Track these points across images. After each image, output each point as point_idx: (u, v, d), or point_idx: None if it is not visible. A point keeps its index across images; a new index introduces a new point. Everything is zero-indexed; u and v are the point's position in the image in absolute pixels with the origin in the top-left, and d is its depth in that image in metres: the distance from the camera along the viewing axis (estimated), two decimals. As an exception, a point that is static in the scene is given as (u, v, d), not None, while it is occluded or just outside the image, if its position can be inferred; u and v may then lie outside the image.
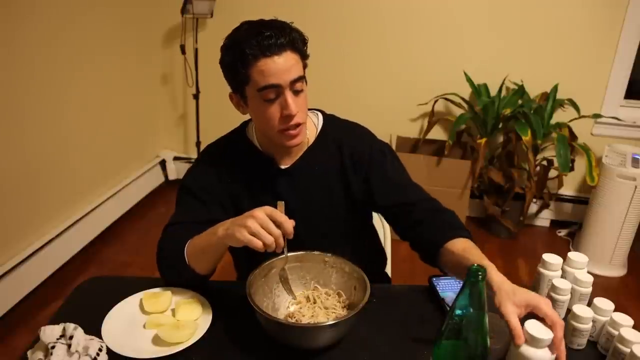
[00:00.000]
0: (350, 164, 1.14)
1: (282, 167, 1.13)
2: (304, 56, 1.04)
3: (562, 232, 2.91)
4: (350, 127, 1.20)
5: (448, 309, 0.85)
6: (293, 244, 0.96)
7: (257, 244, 0.87)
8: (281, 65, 0.97)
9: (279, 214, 0.89)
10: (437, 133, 2.90)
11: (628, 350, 0.84)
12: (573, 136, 2.63)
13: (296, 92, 1.02)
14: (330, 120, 1.19)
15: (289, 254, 0.99)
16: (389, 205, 1.13)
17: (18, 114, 2.03)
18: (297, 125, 1.03)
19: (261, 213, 0.88)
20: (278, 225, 0.88)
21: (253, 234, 0.87)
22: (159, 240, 1.08)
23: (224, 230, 0.93)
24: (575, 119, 2.63)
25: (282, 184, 1.13)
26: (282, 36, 0.97)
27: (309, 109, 1.20)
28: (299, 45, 1.01)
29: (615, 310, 0.94)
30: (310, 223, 1.07)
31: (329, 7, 2.78)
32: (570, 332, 0.93)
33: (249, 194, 1.13)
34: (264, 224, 0.87)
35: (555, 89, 2.65)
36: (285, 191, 1.12)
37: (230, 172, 1.13)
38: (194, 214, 1.08)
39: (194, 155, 3.16)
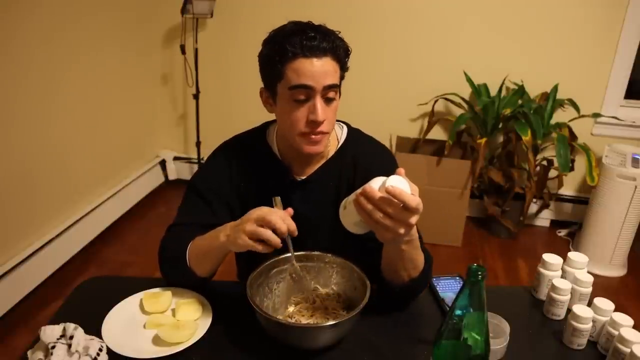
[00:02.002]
0: (360, 183, 1.06)
1: (298, 178, 1.11)
2: (343, 67, 1.02)
3: (562, 232, 2.91)
4: (372, 146, 1.16)
5: (448, 309, 0.85)
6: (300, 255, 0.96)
7: (258, 248, 0.87)
8: (318, 69, 0.95)
9: (274, 211, 0.89)
10: (437, 133, 2.90)
11: (628, 350, 0.84)
12: (573, 136, 2.63)
13: (327, 101, 1.00)
14: (353, 135, 1.16)
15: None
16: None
17: (18, 113, 2.02)
18: (322, 133, 1.01)
19: (255, 215, 0.88)
20: (273, 225, 0.87)
21: (252, 236, 0.87)
22: (162, 239, 1.08)
23: (225, 236, 0.92)
24: (575, 118, 2.63)
25: (295, 195, 1.10)
26: (325, 41, 0.96)
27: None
28: (340, 54, 0.99)
29: (615, 310, 0.94)
30: (320, 236, 1.05)
31: (329, 8, 2.78)
32: (570, 332, 0.94)
33: (258, 201, 1.11)
34: (262, 222, 0.87)
35: (555, 89, 2.65)
36: (297, 203, 1.09)
37: (243, 175, 1.11)
38: (199, 216, 1.07)
39: (194, 155, 3.16)
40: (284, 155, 1.12)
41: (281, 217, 0.88)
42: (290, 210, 0.92)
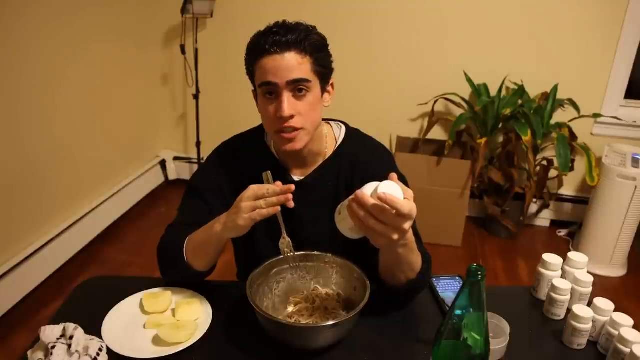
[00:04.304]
0: (358, 183, 1.03)
1: (296, 178, 1.11)
2: (317, 61, 1.00)
3: (562, 232, 2.91)
4: (371, 146, 1.16)
5: (448, 309, 0.85)
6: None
7: (262, 212, 0.87)
8: (280, 64, 0.95)
9: (264, 186, 0.90)
10: (437, 133, 2.90)
11: (628, 350, 0.84)
12: (573, 136, 2.63)
13: (298, 95, 0.99)
14: (352, 135, 1.15)
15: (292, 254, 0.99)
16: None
17: (18, 113, 2.03)
18: (293, 129, 1.00)
19: (247, 193, 0.90)
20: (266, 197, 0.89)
21: (251, 213, 0.88)
22: (161, 238, 1.08)
23: (221, 225, 0.93)
24: (575, 118, 2.63)
25: (293, 196, 1.10)
26: (289, 34, 0.95)
27: (333, 120, 1.18)
28: (306, 47, 0.97)
29: (615, 310, 0.94)
30: (319, 237, 1.05)
31: (328, 7, 2.78)
32: (570, 332, 0.94)
33: None
34: (256, 197, 0.89)
35: (555, 89, 2.65)
36: (295, 204, 1.10)
37: (242, 175, 1.10)
38: (199, 216, 1.07)
39: (194, 155, 3.16)
40: (282, 156, 1.12)
41: (271, 190, 0.89)
42: (279, 183, 0.91)
